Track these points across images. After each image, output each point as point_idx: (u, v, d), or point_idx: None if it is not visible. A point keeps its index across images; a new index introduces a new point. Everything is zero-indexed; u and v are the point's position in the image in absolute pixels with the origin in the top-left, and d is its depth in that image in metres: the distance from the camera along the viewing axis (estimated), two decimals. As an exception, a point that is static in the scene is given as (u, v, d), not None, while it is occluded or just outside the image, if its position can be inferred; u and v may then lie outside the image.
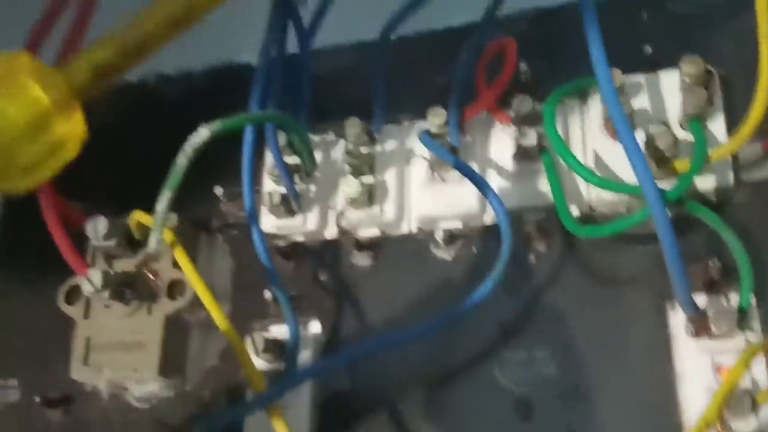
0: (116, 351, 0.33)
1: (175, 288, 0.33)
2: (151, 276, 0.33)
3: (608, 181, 0.29)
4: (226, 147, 0.28)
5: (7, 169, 0.20)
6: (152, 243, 0.27)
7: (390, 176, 0.33)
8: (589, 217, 0.30)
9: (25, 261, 0.37)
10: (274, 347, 0.31)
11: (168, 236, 0.28)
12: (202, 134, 0.26)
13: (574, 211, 0.30)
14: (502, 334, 0.30)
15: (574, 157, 0.29)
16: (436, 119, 0.32)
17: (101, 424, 0.33)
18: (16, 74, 0.20)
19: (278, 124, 0.30)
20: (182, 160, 0.26)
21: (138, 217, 0.31)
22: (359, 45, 0.36)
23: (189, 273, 0.28)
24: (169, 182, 0.26)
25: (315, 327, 0.32)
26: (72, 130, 0.21)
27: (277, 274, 0.31)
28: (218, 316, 0.27)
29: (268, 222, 0.34)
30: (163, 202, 0.26)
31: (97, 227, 0.32)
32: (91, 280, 0.31)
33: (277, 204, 0.33)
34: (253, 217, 0.31)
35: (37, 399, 0.34)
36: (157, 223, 0.27)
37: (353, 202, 0.33)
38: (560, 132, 0.30)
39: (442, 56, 0.34)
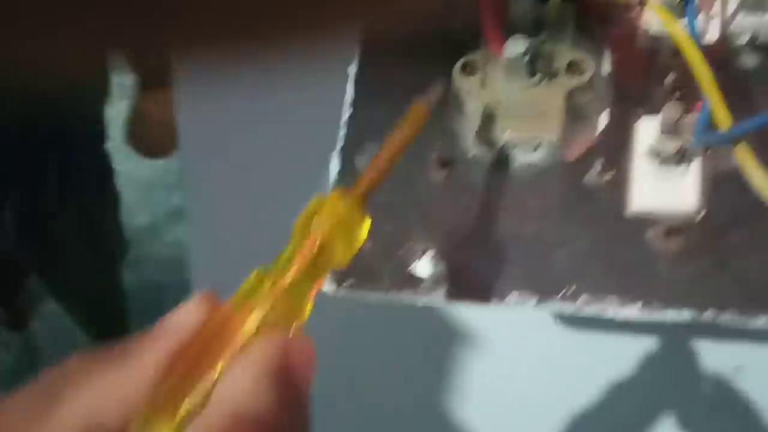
0: (516, 117, 0.36)
1: (574, 67, 0.36)
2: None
3: None
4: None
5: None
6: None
7: None
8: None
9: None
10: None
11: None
12: None
13: None
14: None
15: None
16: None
17: (485, 186, 0.37)
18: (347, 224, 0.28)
19: None
20: None
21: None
22: None
23: (672, 27, 0.31)
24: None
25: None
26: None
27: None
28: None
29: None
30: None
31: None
32: (515, 44, 0.35)
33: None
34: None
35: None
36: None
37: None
38: None
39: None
